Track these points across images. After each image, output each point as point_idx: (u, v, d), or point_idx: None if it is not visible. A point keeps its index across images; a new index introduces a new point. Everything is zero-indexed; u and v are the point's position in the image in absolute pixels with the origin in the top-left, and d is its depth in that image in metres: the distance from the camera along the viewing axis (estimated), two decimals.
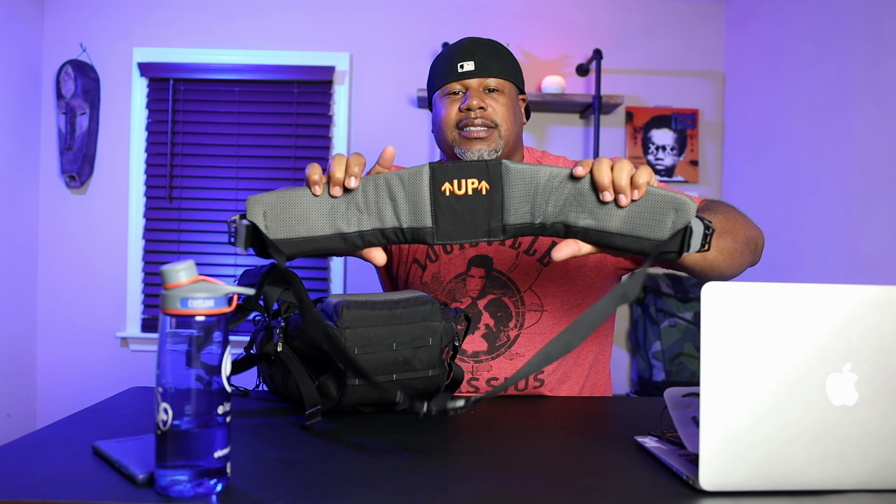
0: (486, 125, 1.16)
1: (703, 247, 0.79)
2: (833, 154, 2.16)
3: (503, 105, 1.18)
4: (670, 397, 0.79)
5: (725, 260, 0.99)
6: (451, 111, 1.19)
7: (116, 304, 2.89)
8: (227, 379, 0.62)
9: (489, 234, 0.84)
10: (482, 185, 0.82)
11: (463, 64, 1.18)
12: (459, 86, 1.19)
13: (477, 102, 1.16)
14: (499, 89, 1.18)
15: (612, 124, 2.93)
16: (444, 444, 0.80)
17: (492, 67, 1.18)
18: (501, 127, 1.17)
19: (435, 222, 0.83)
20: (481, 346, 1.19)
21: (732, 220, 1.04)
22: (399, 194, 0.83)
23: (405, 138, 2.90)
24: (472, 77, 1.17)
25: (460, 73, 1.18)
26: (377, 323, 0.89)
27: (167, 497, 0.60)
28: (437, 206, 0.83)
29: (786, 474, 0.64)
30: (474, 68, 1.17)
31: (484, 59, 1.18)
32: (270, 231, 0.82)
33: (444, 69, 1.20)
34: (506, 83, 1.19)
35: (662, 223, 0.79)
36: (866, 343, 0.65)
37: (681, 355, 2.69)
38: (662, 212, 0.79)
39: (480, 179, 0.82)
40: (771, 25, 2.58)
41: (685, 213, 0.78)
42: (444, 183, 0.82)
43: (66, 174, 2.79)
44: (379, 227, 0.84)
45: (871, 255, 1.98)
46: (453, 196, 0.82)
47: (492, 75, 1.18)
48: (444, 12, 2.91)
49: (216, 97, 2.88)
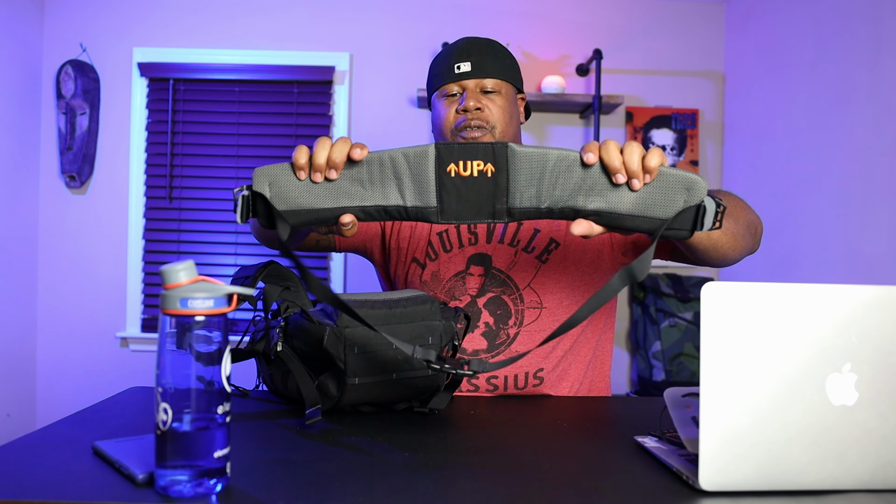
0: (481, 127, 1.17)
1: (714, 225, 0.79)
2: (833, 154, 2.16)
3: (499, 106, 1.19)
4: (670, 397, 0.79)
5: (729, 241, 0.99)
6: (448, 113, 1.19)
7: (116, 304, 2.89)
8: (227, 379, 0.62)
9: (494, 216, 0.83)
10: (487, 167, 0.81)
11: (460, 65, 1.18)
12: (457, 87, 1.19)
13: (473, 104, 1.16)
14: (496, 90, 1.19)
15: (612, 124, 2.93)
16: (444, 444, 0.80)
17: (488, 68, 1.18)
18: (497, 128, 1.18)
19: (440, 202, 0.83)
20: (481, 345, 1.19)
21: (734, 204, 1.04)
22: (404, 173, 0.83)
23: (405, 138, 2.90)
24: (468, 78, 1.18)
25: (457, 75, 1.18)
26: (377, 322, 0.89)
27: (167, 497, 0.60)
28: (441, 187, 0.82)
29: (786, 474, 0.64)
30: (471, 69, 1.17)
31: (481, 60, 1.18)
32: (274, 201, 0.82)
33: (441, 70, 1.20)
34: (503, 84, 1.20)
35: (674, 203, 0.79)
36: (866, 343, 0.65)
37: (681, 355, 2.69)
38: (674, 192, 0.78)
39: (486, 161, 0.81)
40: (771, 25, 2.58)
41: (697, 192, 0.78)
42: (450, 164, 0.81)
43: (66, 174, 2.79)
44: (382, 203, 0.84)
45: (871, 255, 1.97)
46: (458, 177, 0.81)
47: (488, 76, 1.18)
48: (444, 12, 2.91)
49: (216, 97, 2.88)
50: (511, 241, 1.21)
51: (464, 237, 1.23)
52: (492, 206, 0.82)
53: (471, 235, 1.23)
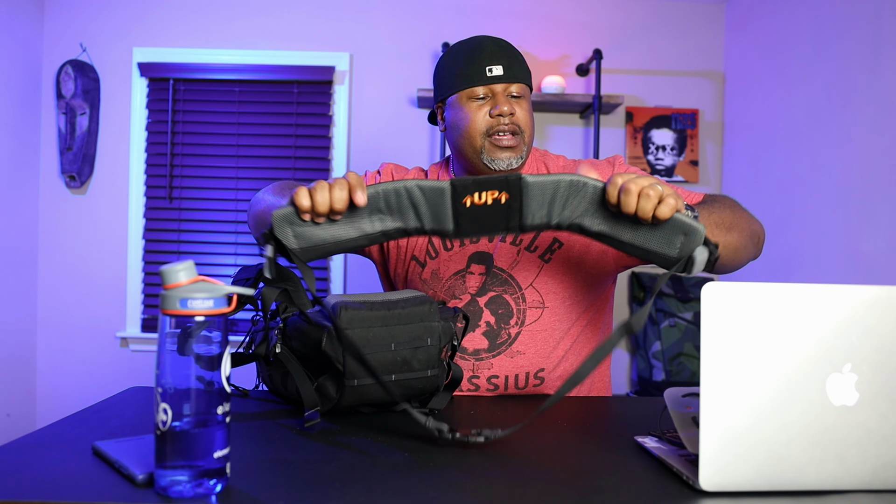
0: (513, 132, 1.17)
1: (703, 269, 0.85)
2: (833, 154, 2.16)
3: (526, 110, 1.19)
4: (670, 397, 0.79)
5: (730, 255, 1.03)
6: (478, 116, 1.17)
7: (116, 304, 2.89)
8: (227, 379, 0.62)
9: (507, 231, 0.89)
10: (502, 195, 0.86)
11: (492, 68, 1.16)
12: (485, 90, 1.17)
13: (508, 108, 1.15)
14: (521, 94, 1.19)
15: (612, 124, 2.93)
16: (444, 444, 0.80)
17: (518, 73, 1.18)
18: (525, 132, 1.18)
19: (456, 225, 0.88)
20: (482, 344, 1.19)
21: (738, 216, 1.07)
22: (420, 203, 0.87)
23: (405, 138, 2.90)
24: (500, 82, 1.16)
25: (489, 78, 1.16)
26: (375, 323, 0.89)
27: (167, 497, 0.60)
28: (458, 215, 0.87)
29: (786, 474, 0.64)
30: (503, 73, 1.16)
31: (512, 64, 1.18)
32: (299, 241, 0.86)
33: (468, 71, 1.17)
34: (525, 88, 1.20)
35: (672, 243, 0.84)
36: (866, 343, 0.65)
37: (681, 355, 2.69)
38: (673, 233, 0.84)
39: (501, 190, 0.86)
40: (771, 25, 2.58)
41: (694, 239, 0.83)
42: (466, 196, 0.86)
43: (66, 174, 2.79)
44: (402, 226, 0.89)
45: (871, 255, 1.97)
46: (474, 206, 0.86)
47: (518, 80, 1.18)
48: (444, 12, 2.91)
49: (216, 97, 2.88)
50: (513, 240, 1.21)
51: None
52: (505, 224, 0.88)
53: None
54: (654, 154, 2.92)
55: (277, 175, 2.88)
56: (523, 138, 1.18)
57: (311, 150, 2.89)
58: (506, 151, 1.17)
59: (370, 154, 2.89)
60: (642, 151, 2.92)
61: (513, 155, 1.17)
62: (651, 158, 2.92)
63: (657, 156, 2.92)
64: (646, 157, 2.92)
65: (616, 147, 2.93)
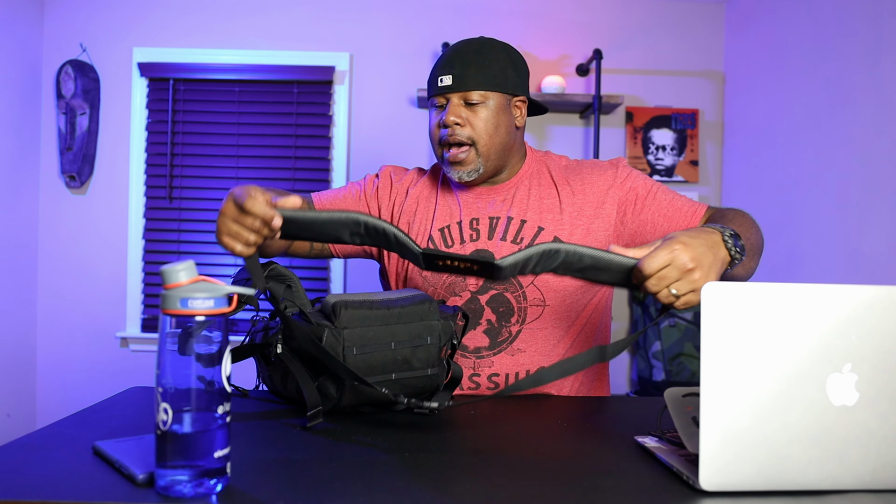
0: (461, 143, 1.16)
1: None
2: (833, 154, 2.16)
3: (482, 119, 1.16)
4: (670, 397, 0.79)
5: (745, 276, 1.06)
6: (433, 126, 1.20)
7: (116, 304, 2.89)
8: (227, 379, 0.62)
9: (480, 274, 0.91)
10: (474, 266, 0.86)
11: (442, 78, 1.17)
12: (443, 98, 1.18)
13: (453, 119, 1.15)
14: (480, 102, 1.16)
15: (612, 124, 2.93)
16: (444, 444, 0.80)
17: (470, 81, 1.15)
18: (479, 143, 1.16)
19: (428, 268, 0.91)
20: (482, 342, 1.19)
21: (758, 238, 1.07)
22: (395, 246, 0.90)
23: (405, 138, 2.90)
24: (450, 92, 1.16)
25: (440, 88, 1.17)
26: (375, 322, 0.89)
27: (167, 497, 0.60)
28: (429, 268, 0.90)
29: (786, 474, 0.64)
30: (451, 83, 1.16)
31: (463, 72, 1.15)
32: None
33: (431, 79, 1.20)
34: (489, 94, 1.17)
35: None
36: (866, 343, 0.65)
37: (681, 355, 2.69)
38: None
39: (472, 265, 0.86)
40: (771, 25, 2.58)
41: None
42: (437, 261, 0.87)
43: (66, 174, 2.79)
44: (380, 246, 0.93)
45: (871, 255, 1.98)
46: (446, 266, 0.88)
47: (469, 89, 1.15)
48: (444, 12, 2.91)
49: (216, 97, 2.88)
50: (514, 238, 1.21)
51: (465, 233, 1.23)
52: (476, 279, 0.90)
53: (472, 232, 1.23)
54: (654, 154, 2.92)
55: (277, 175, 2.88)
56: (476, 150, 1.17)
57: (310, 150, 2.89)
58: (455, 166, 1.18)
59: (370, 154, 2.89)
60: (642, 151, 2.92)
61: (462, 169, 1.18)
62: (651, 158, 2.92)
63: (657, 156, 2.92)
64: (646, 157, 2.92)
65: (616, 147, 2.93)
